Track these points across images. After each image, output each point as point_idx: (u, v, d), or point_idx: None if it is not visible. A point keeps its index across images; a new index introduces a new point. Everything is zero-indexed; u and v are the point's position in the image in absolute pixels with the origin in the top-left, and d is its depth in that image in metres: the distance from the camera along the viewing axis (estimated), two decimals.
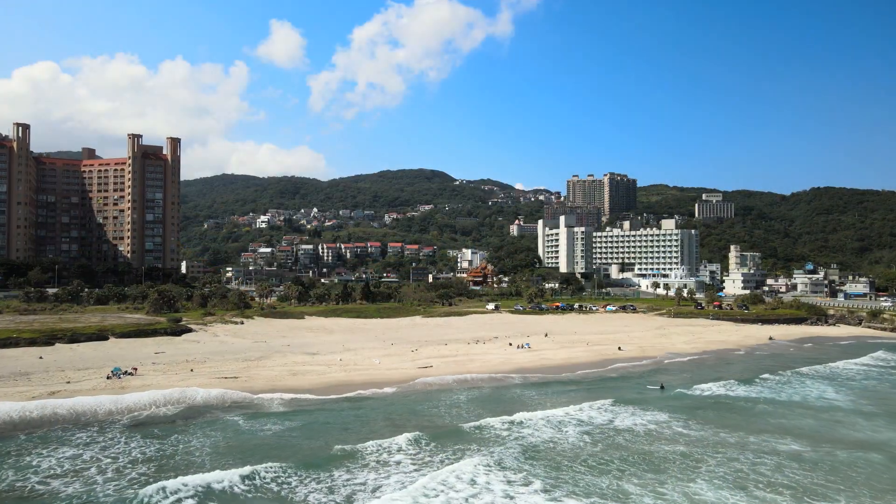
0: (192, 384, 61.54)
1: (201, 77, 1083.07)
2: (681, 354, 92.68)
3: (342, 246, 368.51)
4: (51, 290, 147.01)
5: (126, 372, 66.52)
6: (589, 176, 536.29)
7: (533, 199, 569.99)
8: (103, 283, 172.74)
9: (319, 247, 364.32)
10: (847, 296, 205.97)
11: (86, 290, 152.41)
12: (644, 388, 69.02)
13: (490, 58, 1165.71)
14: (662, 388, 68.89)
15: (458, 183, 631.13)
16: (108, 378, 63.98)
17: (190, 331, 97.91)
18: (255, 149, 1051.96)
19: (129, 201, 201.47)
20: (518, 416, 53.40)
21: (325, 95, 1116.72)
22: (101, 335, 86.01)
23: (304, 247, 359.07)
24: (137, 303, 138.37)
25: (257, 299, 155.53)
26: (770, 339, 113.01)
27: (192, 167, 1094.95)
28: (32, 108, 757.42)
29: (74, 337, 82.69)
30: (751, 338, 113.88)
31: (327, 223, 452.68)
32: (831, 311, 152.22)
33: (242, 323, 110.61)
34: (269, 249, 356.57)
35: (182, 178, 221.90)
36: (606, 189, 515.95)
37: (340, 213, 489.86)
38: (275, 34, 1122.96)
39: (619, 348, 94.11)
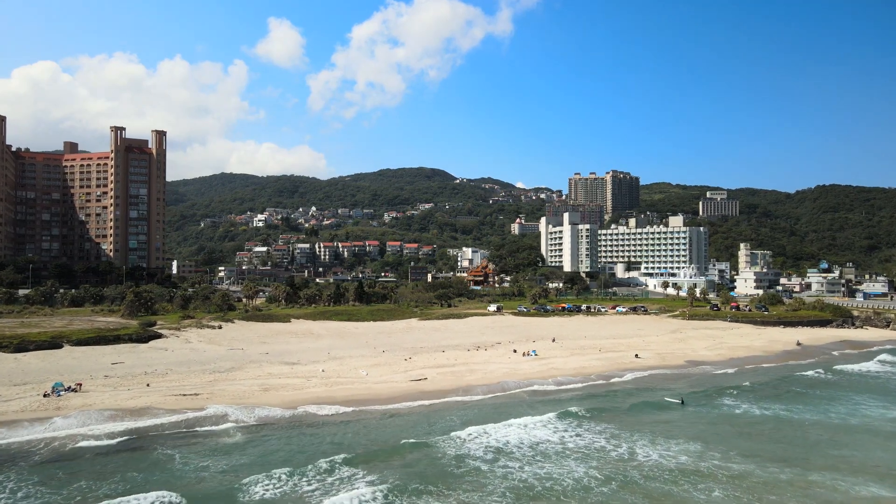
0: (141, 403, 52.34)
1: (200, 76, 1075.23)
2: (705, 363, 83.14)
3: (339, 245, 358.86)
4: (22, 292, 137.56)
5: (69, 388, 57.19)
6: (591, 174, 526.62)
7: (534, 198, 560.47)
8: (83, 283, 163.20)
9: (316, 246, 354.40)
10: (866, 296, 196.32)
11: (60, 290, 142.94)
12: (670, 404, 59.72)
13: (490, 56, 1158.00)
14: (683, 402, 59.84)
15: (458, 181, 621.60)
16: (45, 396, 54.67)
17: (159, 336, 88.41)
18: (256, 148, 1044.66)
19: (111, 197, 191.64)
20: (505, 441, 44.93)
21: (325, 95, 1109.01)
22: (54, 343, 76.57)
23: (300, 246, 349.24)
24: (115, 304, 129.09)
25: (244, 300, 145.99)
26: (798, 344, 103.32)
27: (193, 167, 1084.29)
28: (32, 108, 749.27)
29: (22, 345, 73.31)
30: (777, 342, 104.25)
31: (325, 222, 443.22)
32: (855, 313, 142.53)
33: (220, 327, 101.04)
34: (264, 248, 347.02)
35: (181, 178, 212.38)
36: (609, 187, 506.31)
37: (339, 211, 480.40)
38: (273, 32, 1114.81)
39: (636, 356, 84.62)
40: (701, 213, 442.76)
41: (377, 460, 40.40)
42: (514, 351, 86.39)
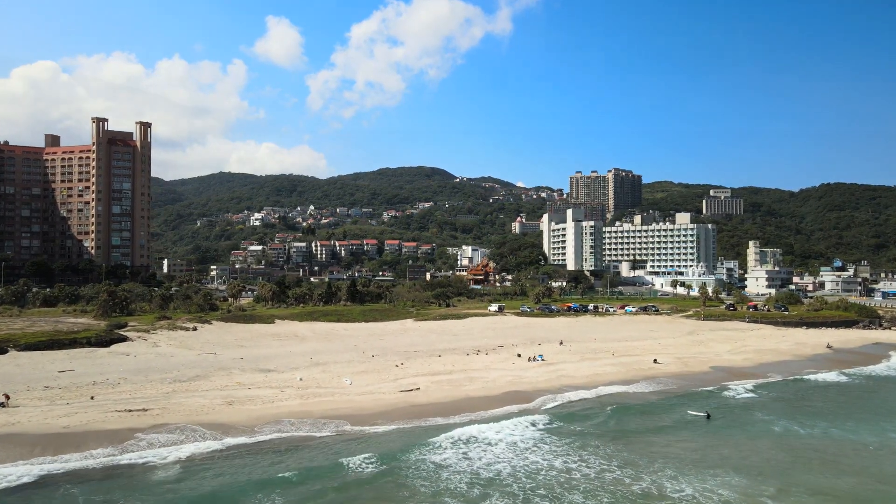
0: (75, 422, 43.51)
1: (199, 76, 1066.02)
2: (733, 370, 74.26)
3: (337, 244, 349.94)
4: None
5: None
6: (593, 172, 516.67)
7: (535, 197, 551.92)
8: (61, 282, 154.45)
9: (313, 244, 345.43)
10: (885, 294, 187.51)
11: (34, 289, 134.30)
12: (694, 418, 51.37)
13: (490, 55, 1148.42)
14: (708, 417, 51.85)
15: (458, 180, 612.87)
16: None
17: (124, 340, 79.69)
18: (256, 148, 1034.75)
19: (94, 192, 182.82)
20: (497, 471, 36.76)
21: (324, 94, 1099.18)
22: None
23: (296, 244, 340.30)
24: (91, 304, 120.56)
25: (229, 300, 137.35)
26: (828, 346, 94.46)
27: (193, 167, 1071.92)
28: (32, 108, 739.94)
29: None
30: (804, 345, 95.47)
31: (324, 221, 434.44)
32: (880, 312, 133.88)
33: (195, 329, 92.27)
34: (260, 247, 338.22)
35: (179, 177, 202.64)
36: (611, 185, 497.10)
37: (338, 210, 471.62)
38: (272, 31, 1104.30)
39: (655, 361, 75.87)
40: (704, 211, 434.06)
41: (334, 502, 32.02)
42: (519, 355, 77.70)
